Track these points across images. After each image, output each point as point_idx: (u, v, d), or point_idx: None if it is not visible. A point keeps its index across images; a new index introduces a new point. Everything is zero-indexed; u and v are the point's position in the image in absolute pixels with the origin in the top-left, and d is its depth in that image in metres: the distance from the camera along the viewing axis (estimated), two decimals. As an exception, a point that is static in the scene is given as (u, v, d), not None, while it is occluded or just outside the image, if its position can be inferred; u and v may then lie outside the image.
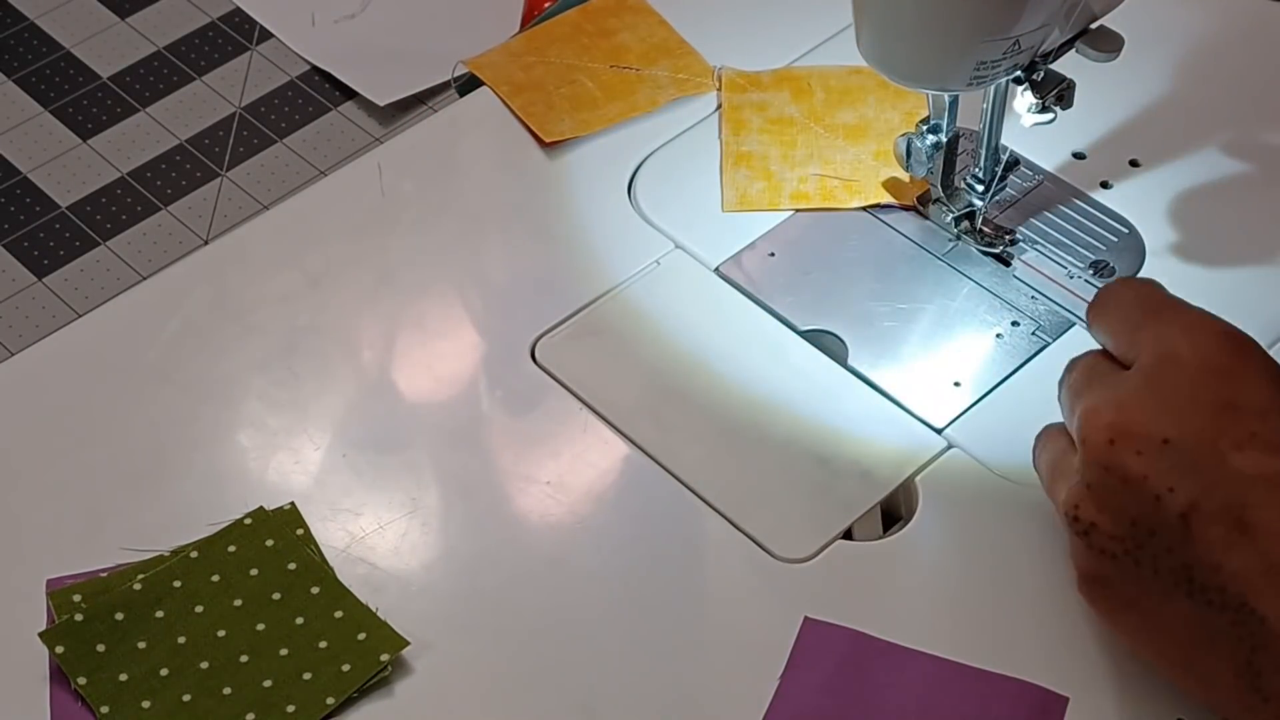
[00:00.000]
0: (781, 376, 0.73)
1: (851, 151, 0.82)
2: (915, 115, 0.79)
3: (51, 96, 1.48)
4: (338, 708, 0.62)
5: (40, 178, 1.41)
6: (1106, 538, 0.57)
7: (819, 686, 0.62)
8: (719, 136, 0.83)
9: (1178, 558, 0.56)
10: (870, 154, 0.81)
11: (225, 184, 1.41)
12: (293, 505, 0.68)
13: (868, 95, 0.84)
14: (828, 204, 0.80)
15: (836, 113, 0.83)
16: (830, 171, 0.81)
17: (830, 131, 0.82)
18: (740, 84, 0.85)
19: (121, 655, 0.63)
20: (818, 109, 0.84)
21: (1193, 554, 0.55)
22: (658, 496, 0.69)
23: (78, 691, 0.62)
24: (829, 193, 0.80)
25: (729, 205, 0.80)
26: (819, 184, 0.81)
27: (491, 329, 0.77)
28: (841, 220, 0.79)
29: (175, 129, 1.44)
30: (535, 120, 0.83)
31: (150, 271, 1.31)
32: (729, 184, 0.81)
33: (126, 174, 1.41)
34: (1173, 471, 0.55)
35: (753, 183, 0.81)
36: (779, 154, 0.82)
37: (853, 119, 0.83)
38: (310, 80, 1.48)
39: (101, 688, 0.62)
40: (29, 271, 1.34)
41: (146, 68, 1.50)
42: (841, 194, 0.80)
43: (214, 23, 1.53)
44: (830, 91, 0.84)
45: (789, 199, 0.80)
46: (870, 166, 0.81)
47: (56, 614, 0.64)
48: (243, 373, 0.74)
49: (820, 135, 0.82)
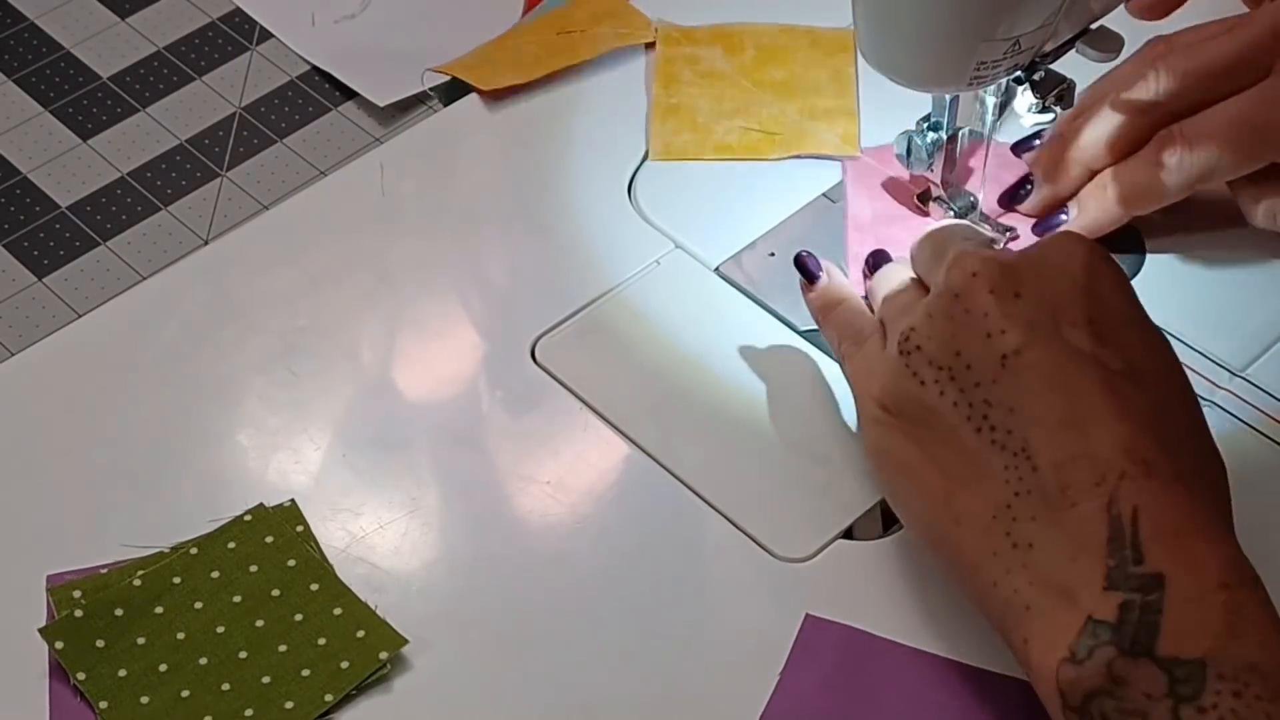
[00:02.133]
0: (781, 376, 0.73)
1: (778, 106, 0.84)
2: (843, 74, 0.83)
3: (51, 96, 1.47)
4: (336, 705, 0.62)
5: (40, 178, 1.41)
6: (926, 362, 0.61)
7: (819, 684, 0.62)
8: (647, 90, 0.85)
9: (982, 393, 0.59)
10: (795, 110, 0.84)
11: (225, 184, 1.40)
12: (292, 502, 0.68)
13: (797, 53, 0.86)
14: (750, 155, 0.82)
15: (766, 69, 0.86)
16: (755, 124, 0.83)
17: (759, 86, 0.85)
18: (675, 38, 0.87)
19: (121, 651, 0.63)
20: (748, 65, 0.86)
21: (997, 393, 0.58)
22: (658, 496, 0.69)
23: (77, 687, 0.62)
24: (753, 144, 0.83)
25: (655, 155, 0.83)
26: (743, 135, 0.83)
27: (491, 329, 0.77)
28: (841, 220, 0.79)
29: (175, 129, 1.44)
30: (474, 76, 0.85)
31: (150, 271, 1.31)
32: (656, 134, 0.83)
33: (126, 174, 1.41)
34: (1012, 320, 0.59)
35: (679, 134, 0.83)
36: (707, 106, 0.84)
37: (781, 75, 0.85)
38: (310, 80, 1.48)
39: (101, 683, 0.62)
40: (29, 271, 1.34)
41: (146, 68, 1.50)
42: (764, 145, 0.83)
43: (214, 23, 1.53)
44: (761, 49, 0.87)
45: (713, 150, 0.83)
46: (795, 121, 0.83)
47: (56, 610, 0.64)
48: (243, 373, 0.74)
49: (748, 90, 0.85)
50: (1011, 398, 0.58)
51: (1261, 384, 0.72)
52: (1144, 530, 0.54)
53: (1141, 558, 0.54)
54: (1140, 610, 0.53)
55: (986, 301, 0.59)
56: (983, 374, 0.59)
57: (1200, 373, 0.73)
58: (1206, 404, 0.71)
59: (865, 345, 0.67)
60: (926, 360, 0.61)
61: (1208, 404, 0.71)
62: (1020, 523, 0.57)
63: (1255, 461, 0.70)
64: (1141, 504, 0.55)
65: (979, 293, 0.60)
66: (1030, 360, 0.58)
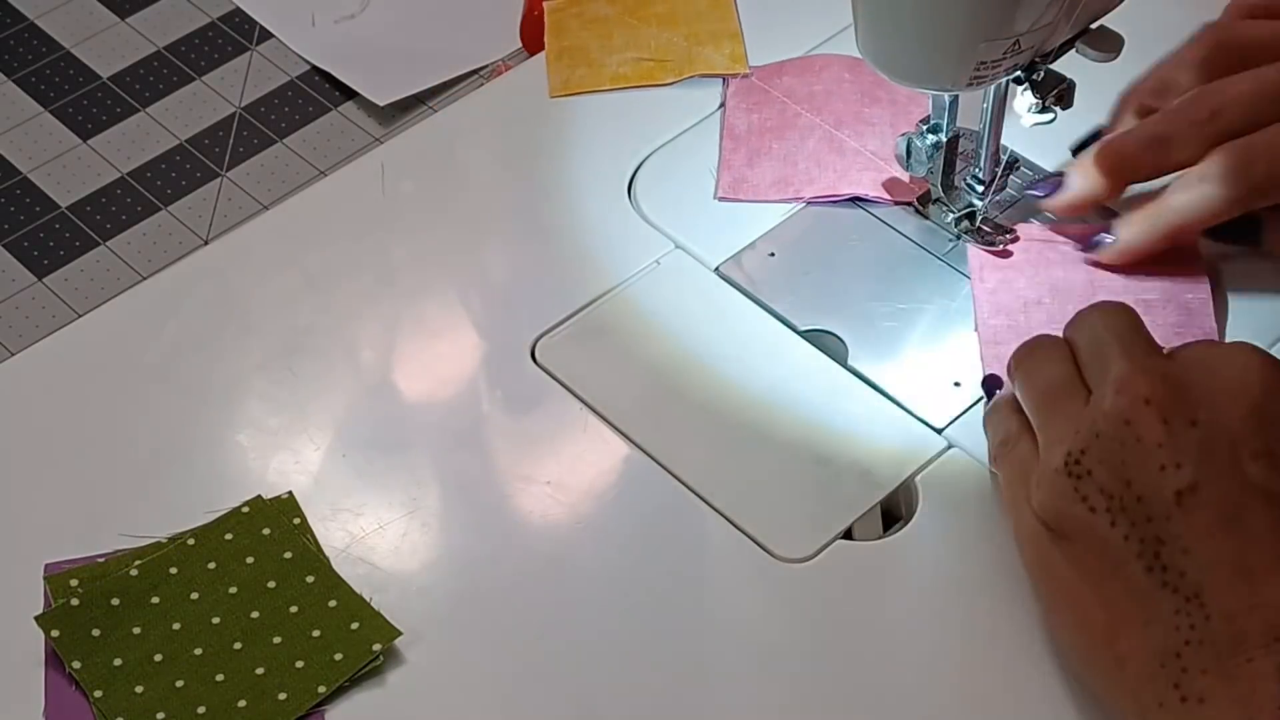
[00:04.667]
0: (781, 376, 0.73)
1: (664, 36, 0.87)
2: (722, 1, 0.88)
3: (51, 96, 1.47)
4: (328, 697, 0.62)
5: (40, 178, 1.41)
6: (1096, 489, 0.58)
7: None
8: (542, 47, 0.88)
9: (1154, 529, 0.56)
10: (681, 37, 0.87)
11: (225, 184, 1.40)
12: (290, 495, 0.68)
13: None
14: (645, 82, 0.85)
15: (649, 6, 0.89)
16: (646, 54, 0.86)
17: (643, 22, 0.88)
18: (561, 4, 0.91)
19: (116, 640, 0.63)
20: (631, 5, 0.89)
21: (1171, 530, 0.56)
22: (658, 496, 0.69)
23: (72, 675, 0.63)
24: (646, 72, 0.86)
25: (555, 91, 0.85)
26: (635, 66, 0.86)
27: (491, 329, 0.77)
28: (842, 220, 0.79)
29: (175, 129, 1.44)
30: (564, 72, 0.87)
31: (150, 271, 1.31)
32: (553, 73, 0.86)
33: (126, 174, 1.41)
34: (1187, 450, 0.56)
35: (574, 69, 0.86)
36: (597, 45, 0.87)
37: (663, 9, 0.89)
38: (310, 80, 1.48)
39: (96, 672, 0.62)
40: (29, 271, 1.34)
41: (146, 68, 1.50)
42: (657, 72, 0.86)
43: (214, 23, 1.53)
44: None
45: (610, 80, 0.86)
46: (682, 48, 0.87)
47: (53, 598, 0.64)
48: (243, 373, 0.74)
49: (634, 26, 0.88)
50: (1186, 538, 0.55)
51: (1261, 384, 0.72)
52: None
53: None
54: None
55: (1159, 432, 0.56)
56: (1156, 510, 0.56)
57: (1200, 373, 0.73)
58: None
59: (1018, 447, 0.64)
60: (1097, 487, 0.58)
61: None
62: (1190, 674, 0.54)
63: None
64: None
65: (1152, 421, 0.57)
66: (1206, 498, 0.55)
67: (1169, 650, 0.55)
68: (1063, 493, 0.59)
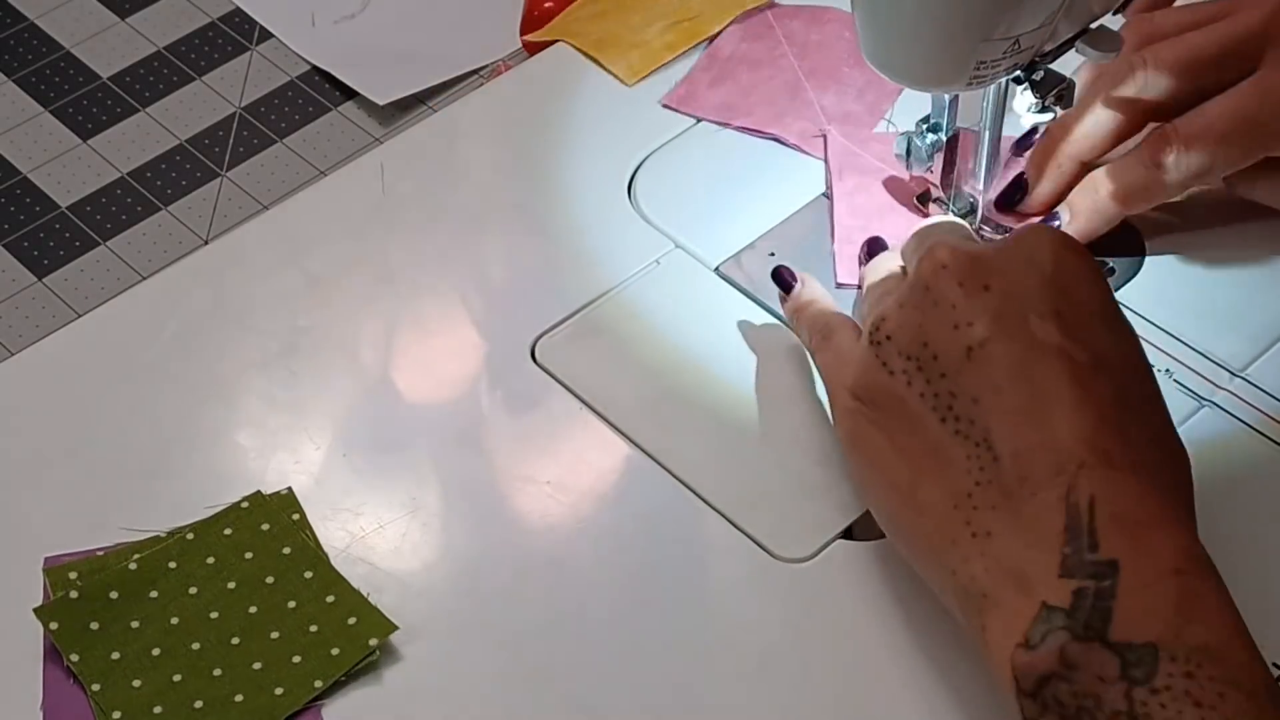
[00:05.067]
0: (781, 377, 0.73)
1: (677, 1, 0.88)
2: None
3: (51, 96, 1.47)
4: (325, 692, 0.63)
5: (40, 178, 1.41)
6: (895, 351, 0.61)
7: None
8: None
9: (948, 384, 0.59)
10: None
11: (225, 184, 1.40)
12: (289, 490, 0.68)
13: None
14: (695, 40, 0.86)
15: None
16: (674, 18, 0.87)
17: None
18: None
19: (115, 634, 0.63)
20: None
21: (962, 384, 0.59)
22: (658, 496, 0.69)
23: (70, 668, 0.63)
24: (689, 32, 0.87)
25: (632, 78, 0.85)
26: (676, 31, 0.87)
27: (491, 329, 0.77)
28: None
29: (175, 129, 1.44)
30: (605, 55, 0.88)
31: (150, 271, 1.31)
32: (612, 64, 0.86)
33: (126, 174, 1.41)
34: (979, 312, 0.59)
35: (626, 55, 0.86)
36: (625, 32, 0.88)
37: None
38: (310, 80, 1.48)
39: (94, 665, 0.62)
40: (29, 271, 1.34)
41: (146, 68, 1.50)
42: (700, 27, 0.87)
43: (214, 23, 1.53)
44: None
45: (667, 50, 0.86)
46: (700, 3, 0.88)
47: (52, 591, 0.65)
48: (243, 373, 0.74)
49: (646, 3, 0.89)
50: (975, 389, 0.59)
51: (1261, 384, 0.72)
52: (1100, 518, 0.55)
53: (1096, 545, 0.55)
54: (1094, 596, 0.54)
55: (955, 293, 0.60)
56: (949, 365, 0.59)
57: (1200, 373, 0.73)
58: (1206, 404, 0.71)
59: (834, 337, 0.68)
60: (896, 350, 0.61)
61: (1208, 404, 0.71)
62: (980, 511, 0.58)
63: (1255, 462, 0.70)
64: (1099, 493, 0.55)
65: (948, 284, 0.60)
66: (995, 352, 0.59)
67: (961, 491, 0.58)
68: (866, 360, 0.62)
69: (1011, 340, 0.59)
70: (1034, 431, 0.57)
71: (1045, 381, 0.58)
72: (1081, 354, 0.59)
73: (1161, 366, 0.73)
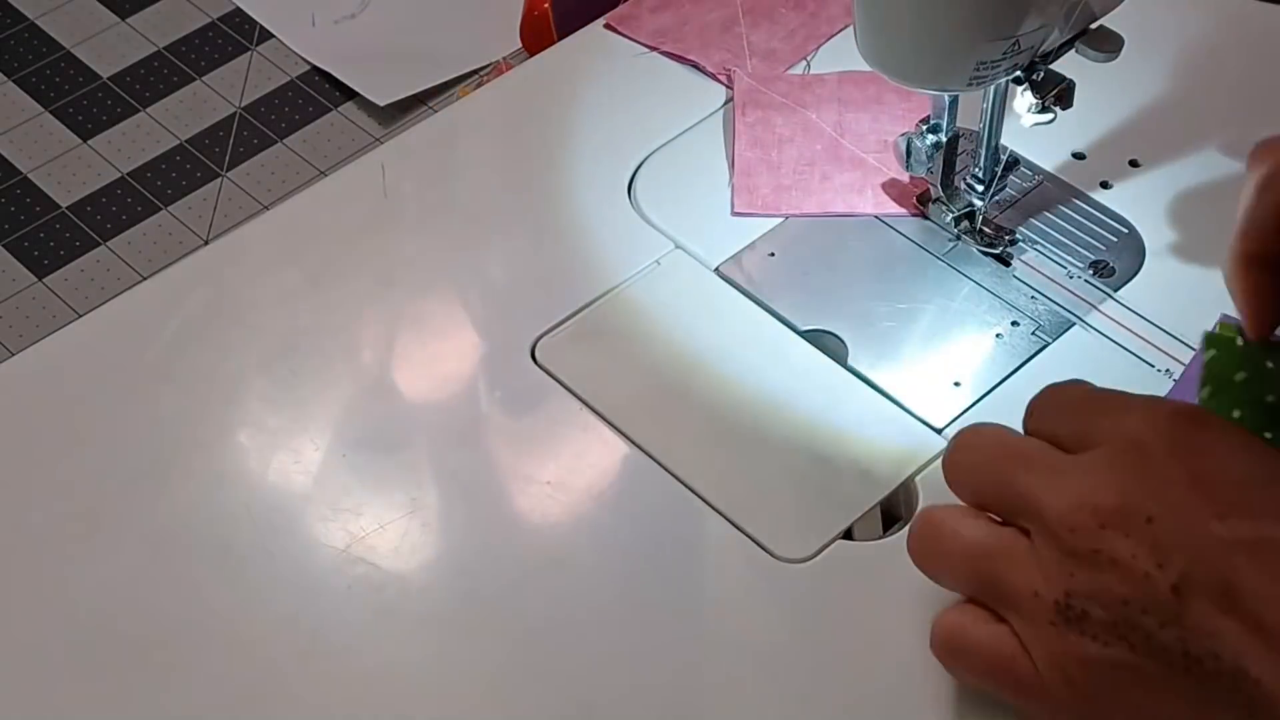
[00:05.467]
0: (781, 376, 0.73)
1: None
2: None
3: (51, 96, 1.48)
4: None
5: (40, 178, 1.41)
6: (1099, 625, 0.56)
7: None
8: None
9: (1171, 632, 0.55)
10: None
11: (225, 184, 1.40)
12: None
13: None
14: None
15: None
16: None
17: None
18: None
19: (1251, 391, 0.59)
20: None
21: (1186, 625, 0.54)
22: (658, 496, 0.69)
23: None
24: None
25: None
26: None
27: (491, 329, 0.77)
28: (842, 220, 0.80)
29: (175, 129, 1.44)
30: None
31: (150, 271, 1.31)
32: None
33: (126, 174, 1.41)
34: (1160, 547, 0.55)
35: None
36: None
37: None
38: (310, 80, 1.48)
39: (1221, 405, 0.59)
40: (29, 271, 1.34)
41: (146, 68, 1.50)
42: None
43: (214, 23, 1.53)
44: None
45: None
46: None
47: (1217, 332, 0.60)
48: (243, 373, 0.74)
49: None
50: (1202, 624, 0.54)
51: (1261, 384, 0.72)
52: None
53: None
54: None
55: (1125, 545, 0.55)
56: (1163, 614, 0.55)
57: (1200, 373, 0.73)
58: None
59: None
60: (1099, 624, 0.56)
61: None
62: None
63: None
64: None
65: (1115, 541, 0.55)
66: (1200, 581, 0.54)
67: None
68: (1071, 652, 0.57)
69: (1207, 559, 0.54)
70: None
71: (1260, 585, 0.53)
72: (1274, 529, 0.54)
73: (1161, 367, 0.73)
